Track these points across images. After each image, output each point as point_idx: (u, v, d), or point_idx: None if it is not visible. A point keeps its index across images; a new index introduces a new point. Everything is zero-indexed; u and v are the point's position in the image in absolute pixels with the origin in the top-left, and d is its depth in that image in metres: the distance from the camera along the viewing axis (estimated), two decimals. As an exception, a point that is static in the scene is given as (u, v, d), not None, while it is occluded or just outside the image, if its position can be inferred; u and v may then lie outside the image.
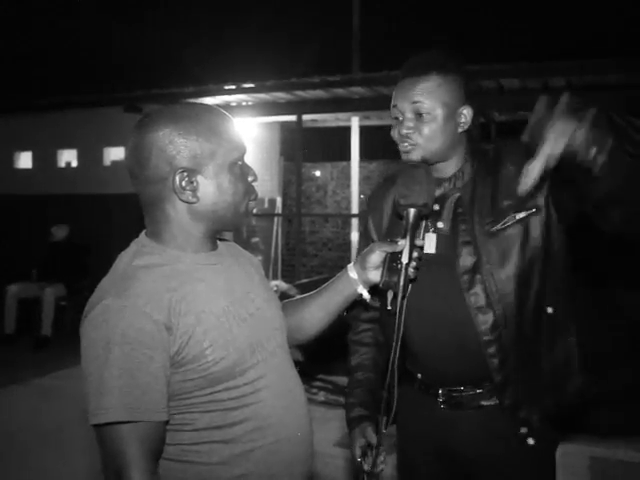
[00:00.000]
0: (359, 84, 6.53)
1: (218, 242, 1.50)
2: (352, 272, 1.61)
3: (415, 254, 1.51)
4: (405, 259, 1.48)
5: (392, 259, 1.52)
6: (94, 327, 1.24)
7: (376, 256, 1.56)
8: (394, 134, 1.72)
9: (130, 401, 1.20)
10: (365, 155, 9.30)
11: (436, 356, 1.75)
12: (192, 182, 1.32)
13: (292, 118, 7.59)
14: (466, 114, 1.70)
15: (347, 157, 8.86)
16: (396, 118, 1.71)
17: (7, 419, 4.75)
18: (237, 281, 1.45)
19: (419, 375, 1.82)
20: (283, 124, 8.88)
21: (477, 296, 1.67)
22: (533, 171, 1.22)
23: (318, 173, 11.29)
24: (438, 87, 1.65)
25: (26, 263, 7.67)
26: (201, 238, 1.39)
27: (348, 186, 9.59)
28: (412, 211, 1.51)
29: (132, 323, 1.22)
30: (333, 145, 10.31)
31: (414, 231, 1.51)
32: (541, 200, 1.65)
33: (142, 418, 1.21)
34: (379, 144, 10.03)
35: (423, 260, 1.60)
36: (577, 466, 3.77)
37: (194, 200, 1.33)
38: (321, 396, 4.84)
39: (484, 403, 1.73)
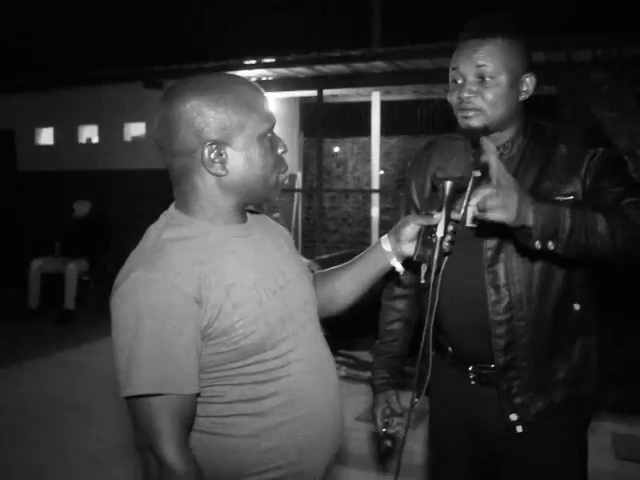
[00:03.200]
0: (380, 58, 6.46)
1: (248, 214, 1.48)
2: (386, 244, 1.59)
3: (450, 227, 1.48)
4: (440, 232, 1.46)
5: (427, 232, 1.49)
6: (124, 300, 1.23)
7: (411, 229, 1.53)
8: (452, 99, 1.65)
9: (161, 373, 1.20)
10: (386, 130, 9.23)
11: (463, 332, 1.74)
12: (221, 154, 1.31)
13: (312, 93, 7.54)
14: (529, 82, 1.64)
15: (367, 132, 8.80)
16: (454, 82, 1.64)
17: (32, 392, 4.82)
18: (267, 253, 1.44)
19: (450, 349, 1.81)
20: (303, 99, 8.83)
21: (496, 274, 1.65)
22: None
23: (338, 149, 11.24)
24: (503, 51, 1.58)
25: (49, 238, 7.74)
26: (231, 210, 1.38)
27: (368, 162, 9.53)
28: (448, 184, 1.48)
29: (162, 296, 1.21)
30: (353, 120, 10.24)
31: (450, 204, 1.48)
32: (579, 186, 1.60)
33: (173, 390, 1.21)
34: (400, 119, 9.96)
35: (465, 234, 1.58)
36: (600, 443, 3.76)
37: (223, 173, 1.32)
38: (342, 371, 4.84)
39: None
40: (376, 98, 8.20)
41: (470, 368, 1.76)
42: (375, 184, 8.51)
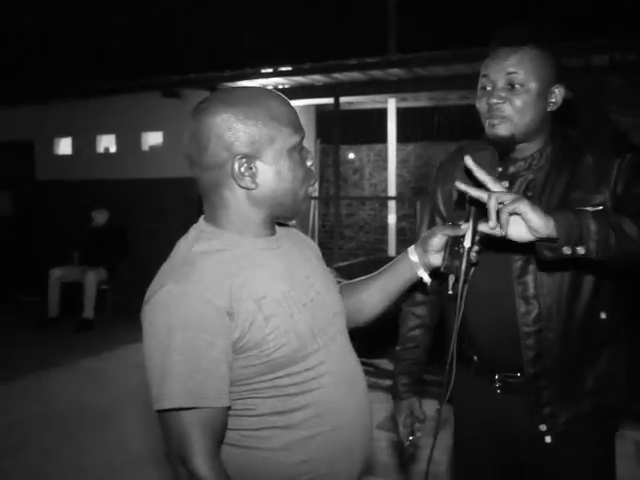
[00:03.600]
0: (396, 65, 6.47)
1: (277, 227, 1.48)
2: (413, 255, 1.58)
3: (478, 238, 1.48)
4: (468, 243, 1.46)
5: (454, 243, 1.49)
6: (155, 313, 1.24)
7: (438, 239, 1.53)
8: (480, 105, 1.65)
9: (192, 387, 1.21)
10: (402, 137, 9.23)
11: (489, 341, 1.73)
12: (251, 168, 1.31)
13: (329, 100, 7.55)
14: (558, 93, 1.64)
15: (384, 139, 8.81)
16: (484, 88, 1.64)
17: (52, 400, 4.86)
18: (296, 265, 1.44)
19: (475, 358, 1.81)
20: (319, 106, 8.86)
21: (525, 285, 1.65)
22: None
23: (354, 155, 11.24)
24: (535, 60, 1.58)
25: (68, 247, 7.81)
26: (260, 223, 1.38)
27: (385, 169, 9.52)
28: None
29: (194, 309, 1.22)
30: (369, 127, 10.24)
31: (477, 215, 1.48)
32: (608, 195, 1.59)
33: (205, 404, 1.21)
34: (416, 126, 9.95)
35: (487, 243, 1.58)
36: (623, 451, 3.72)
37: (253, 186, 1.32)
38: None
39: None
40: (392, 105, 8.21)
41: (496, 377, 1.76)
42: (392, 191, 8.50)
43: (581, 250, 1.36)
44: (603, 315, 1.67)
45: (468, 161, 1.37)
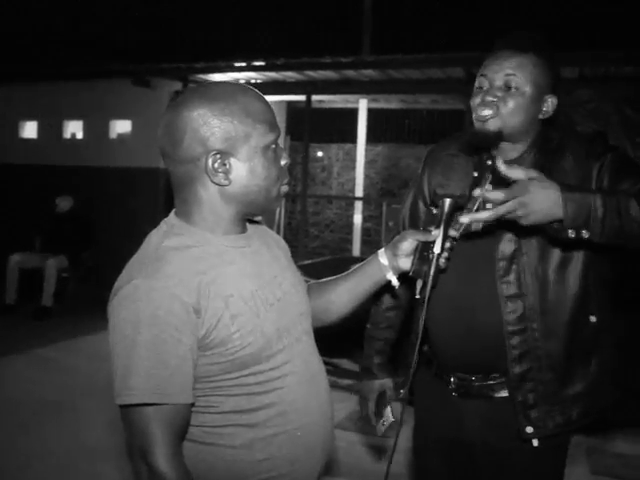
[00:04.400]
0: (370, 66, 6.49)
1: (248, 224, 1.49)
2: (383, 258, 1.59)
3: (448, 244, 1.50)
4: (437, 249, 1.48)
5: (424, 248, 1.51)
6: (123, 307, 1.23)
7: (408, 244, 1.55)
8: (474, 102, 1.67)
9: (157, 383, 1.20)
10: (371, 138, 9.26)
11: (453, 341, 1.75)
12: (225, 164, 1.31)
13: (301, 98, 7.55)
14: (550, 103, 1.67)
15: (353, 139, 8.83)
16: (480, 87, 1.67)
17: (7, 388, 4.77)
18: (265, 264, 1.44)
19: (435, 359, 1.82)
20: (291, 103, 8.84)
21: (509, 284, 1.66)
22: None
23: (323, 154, 11.26)
24: (534, 66, 1.62)
25: (29, 233, 7.67)
26: (231, 220, 1.38)
27: (353, 168, 9.54)
28: (448, 201, 1.50)
29: (161, 305, 1.21)
30: (340, 126, 10.25)
31: (448, 221, 1.50)
32: None
33: (168, 400, 1.21)
34: (386, 127, 9.98)
35: (465, 239, 1.59)
36: (576, 457, 3.80)
37: (226, 183, 1.32)
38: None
39: (494, 395, 1.73)
40: (363, 105, 8.24)
41: (452, 379, 1.78)
42: (359, 191, 8.54)
43: (585, 234, 1.38)
44: (593, 318, 1.69)
45: (502, 166, 1.37)
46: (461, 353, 1.74)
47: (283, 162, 1.41)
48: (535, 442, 1.69)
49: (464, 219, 1.40)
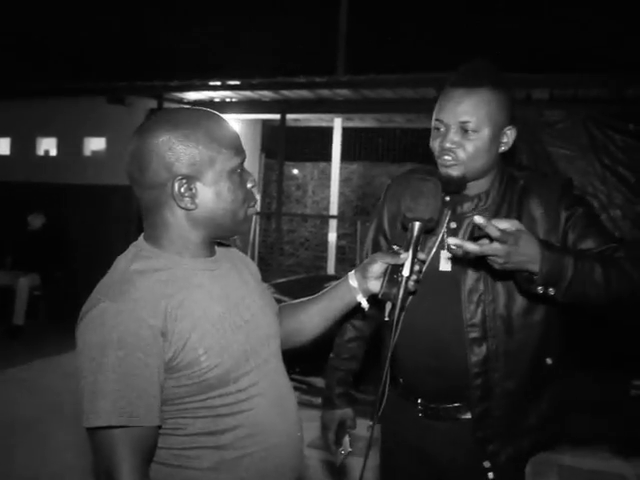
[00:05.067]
0: (344, 86, 6.54)
1: (216, 247, 1.50)
2: (353, 280, 1.61)
3: (417, 267, 1.51)
4: (406, 272, 1.49)
5: (393, 271, 1.52)
6: (90, 330, 1.24)
7: (378, 266, 1.56)
8: (434, 145, 1.66)
9: (124, 405, 1.20)
10: (346, 156, 9.32)
11: (420, 372, 1.76)
12: (191, 189, 1.33)
13: (275, 116, 7.58)
14: (509, 135, 1.65)
15: (328, 157, 8.87)
16: (437, 129, 1.65)
17: (-22, 409, 4.69)
18: (233, 287, 1.46)
19: (401, 380, 1.84)
20: (265, 121, 8.88)
21: (474, 327, 1.68)
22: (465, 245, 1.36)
23: (298, 172, 11.30)
24: (489, 103, 1.59)
25: (0, 251, 7.58)
26: (199, 244, 1.40)
27: (328, 187, 9.59)
28: (417, 225, 1.51)
29: (128, 328, 1.22)
30: (314, 145, 10.32)
31: (417, 245, 1.52)
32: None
33: (135, 423, 1.21)
34: (361, 146, 10.07)
35: (435, 278, 1.61)
36: (546, 474, 3.83)
37: (192, 207, 1.34)
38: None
39: (460, 417, 1.75)
40: (338, 124, 8.29)
41: (419, 401, 1.80)
42: (334, 209, 8.56)
43: (551, 292, 1.43)
44: (549, 360, 1.72)
45: (479, 220, 1.34)
46: (428, 385, 1.76)
47: (249, 185, 1.42)
48: (491, 475, 1.71)
49: (451, 240, 1.39)
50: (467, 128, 1.59)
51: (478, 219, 1.33)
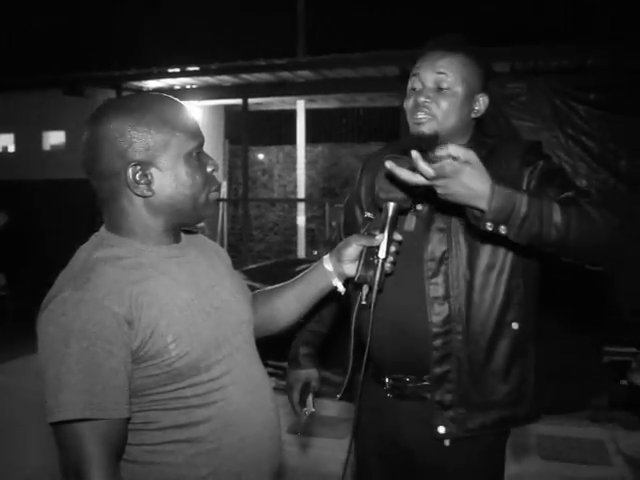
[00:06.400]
0: (305, 67, 6.49)
1: (183, 234, 1.46)
2: (328, 264, 1.58)
3: (393, 248, 1.49)
4: (382, 254, 1.47)
5: (369, 253, 1.49)
6: (51, 321, 1.19)
7: (353, 250, 1.53)
8: (408, 104, 1.68)
9: (89, 398, 1.15)
10: (311, 139, 9.29)
11: (385, 341, 1.73)
12: (146, 175, 1.28)
13: (237, 101, 7.51)
14: (482, 102, 1.70)
15: (293, 140, 8.84)
16: (413, 89, 1.68)
17: (-55, 414, 4.59)
18: (202, 274, 1.42)
19: (371, 361, 1.81)
20: (228, 107, 8.80)
21: (437, 286, 1.66)
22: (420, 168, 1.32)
23: (263, 156, 11.23)
24: (464, 66, 1.65)
25: (-37, 251, 7.43)
26: (162, 231, 1.35)
27: (294, 170, 9.56)
28: (392, 205, 1.49)
29: (91, 316, 1.17)
30: (279, 128, 10.27)
31: (393, 225, 1.49)
32: None
33: (102, 415, 1.16)
34: (325, 127, 10.03)
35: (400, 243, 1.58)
36: (525, 444, 3.87)
37: (149, 194, 1.29)
38: (272, 382, 4.79)
39: (427, 396, 1.72)
40: (301, 106, 8.25)
41: (387, 380, 1.78)
42: (301, 192, 8.54)
43: (503, 230, 1.37)
44: (515, 325, 1.69)
45: (388, 164, 1.37)
46: (392, 353, 1.74)
47: (209, 169, 1.38)
48: (446, 442, 1.69)
49: (388, 164, 1.37)
50: (442, 85, 1.63)
51: (388, 164, 1.36)
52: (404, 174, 1.35)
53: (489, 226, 1.37)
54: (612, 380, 4.61)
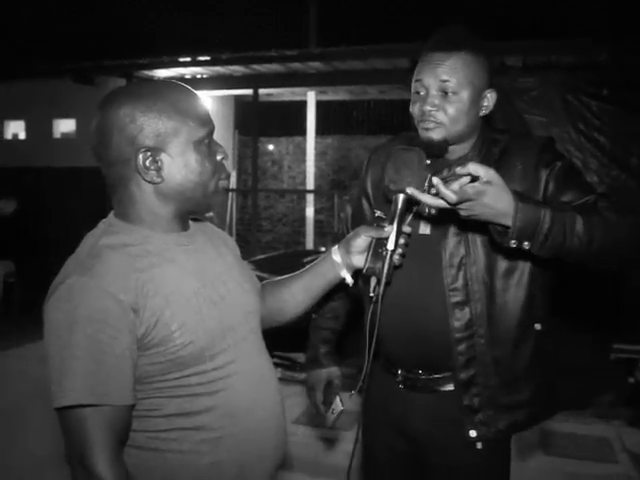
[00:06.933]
0: (316, 59, 6.46)
1: (191, 222, 1.45)
2: (336, 255, 1.57)
3: (402, 241, 1.48)
4: (391, 246, 1.45)
5: (377, 244, 1.48)
6: (56, 307, 1.20)
7: (361, 241, 1.52)
8: (414, 110, 1.64)
9: (94, 383, 1.16)
10: (321, 130, 9.27)
11: (401, 342, 1.73)
12: (156, 161, 1.28)
13: (248, 92, 7.49)
14: (490, 98, 1.64)
15: (303, 132, 8.81)
16: (417, 93, 1.63)
17: (-47, 398, 4.62)
18: (209, 263, 1.41)
19: (382, 353, 1.81)
20: (238, 97, 8.78)
21: (456, 292, 1.65)
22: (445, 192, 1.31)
23: (273, 147, 11.22)
24: (468, 66, 1.57)
25: (-27, 238, 7.46)
26: (170, 218, 1.35)
27: (303, 161, 9.54)
28: (401, 197, 1.47)
29: (96, 303, 1.18)
30: (289, 119, 10.24)
31: (402, 217, 1.48)
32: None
33: (107, 401, 1.17)
34: (335, 119, 10.01)
35: (414, 242, 1.57)
36: (530, 440, 3.86)
37: (159, 180, 1.29)
38: (278, 373, 4.83)
39: (439, 388, 1.72)
40: (311, 98, 8.22)
41: (399, 372, 1.77)
42: (310, 184, 8.52)
43: (526, 246, 1.37)
44: (537, 327, 1.68)
45: (435, 180, 1.32)
46: (409, 353, 1.74)
47: (219, 157, 1.37)
48: (479, 445, 1.69)
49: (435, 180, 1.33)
50: (447, 90, 1.57)
51: (435, 180, 1.32)
52: (427, 199, 1.35)
53: (513, 243, 1.36)
54: (618, 377, 4.59)
